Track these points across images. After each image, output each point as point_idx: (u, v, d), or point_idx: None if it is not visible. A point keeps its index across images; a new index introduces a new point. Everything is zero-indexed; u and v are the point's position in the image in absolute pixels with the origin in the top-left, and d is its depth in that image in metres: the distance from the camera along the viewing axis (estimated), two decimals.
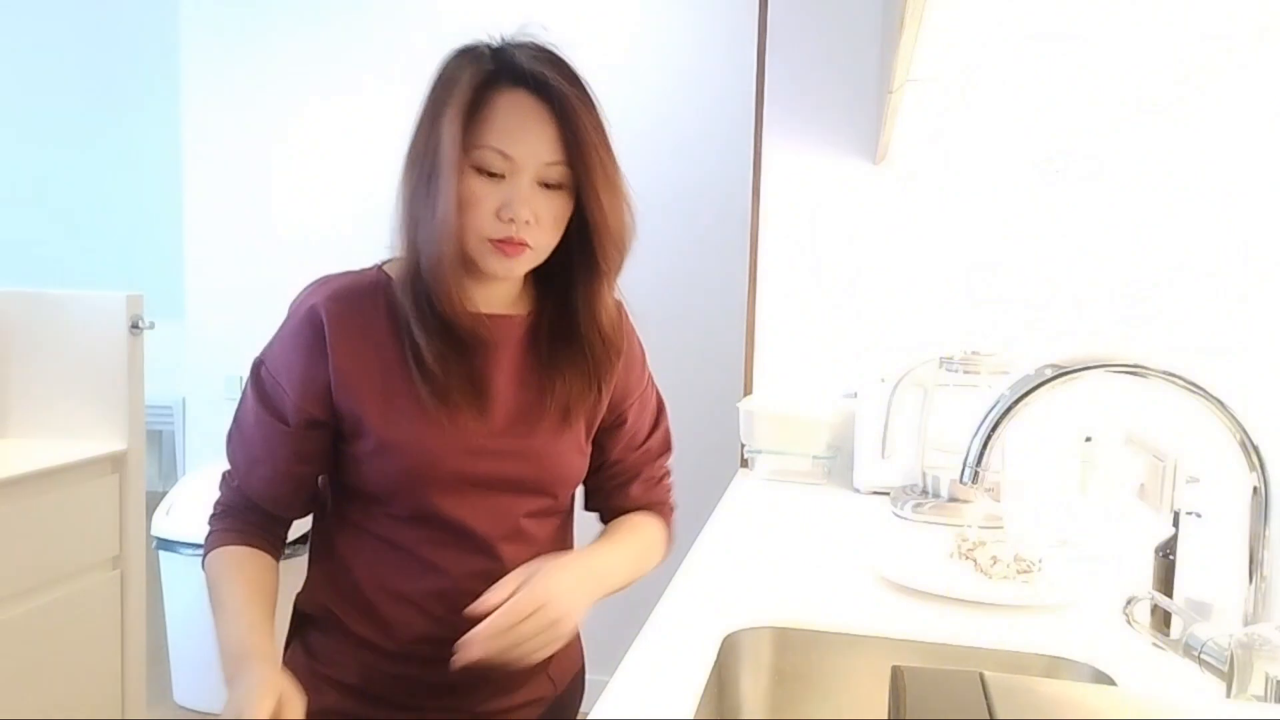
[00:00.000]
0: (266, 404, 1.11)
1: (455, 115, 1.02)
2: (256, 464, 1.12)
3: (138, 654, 2.41)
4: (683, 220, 2.77)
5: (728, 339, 2.76)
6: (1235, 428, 0.86)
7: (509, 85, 1.05)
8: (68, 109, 5.36)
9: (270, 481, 1.12)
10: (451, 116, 1.02)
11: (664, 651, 1.09)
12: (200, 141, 3.10)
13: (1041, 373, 0.91)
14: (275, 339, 1.14)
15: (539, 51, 1.09)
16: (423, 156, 1.06)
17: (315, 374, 1.08)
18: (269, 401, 1.11)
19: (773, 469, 2.02)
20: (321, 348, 1.08)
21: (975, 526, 1.49)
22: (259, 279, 3.09)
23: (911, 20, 0.93)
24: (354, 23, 2.96)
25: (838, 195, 2.09)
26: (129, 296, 2.32)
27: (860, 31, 2.07)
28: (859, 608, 1.25)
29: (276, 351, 1.12)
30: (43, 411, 2.35)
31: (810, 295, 2.12)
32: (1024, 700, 0.61)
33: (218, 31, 3.05)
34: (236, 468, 1.15)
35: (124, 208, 5.37)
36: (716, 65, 2.77)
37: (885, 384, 1.91)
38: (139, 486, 2.39)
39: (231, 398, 3.12)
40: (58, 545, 2.15)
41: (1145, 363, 0.89)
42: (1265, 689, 0.75)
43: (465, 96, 1.03)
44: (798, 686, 1.20)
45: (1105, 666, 1.08)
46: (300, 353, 1.09)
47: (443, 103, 1.04)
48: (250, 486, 1.13)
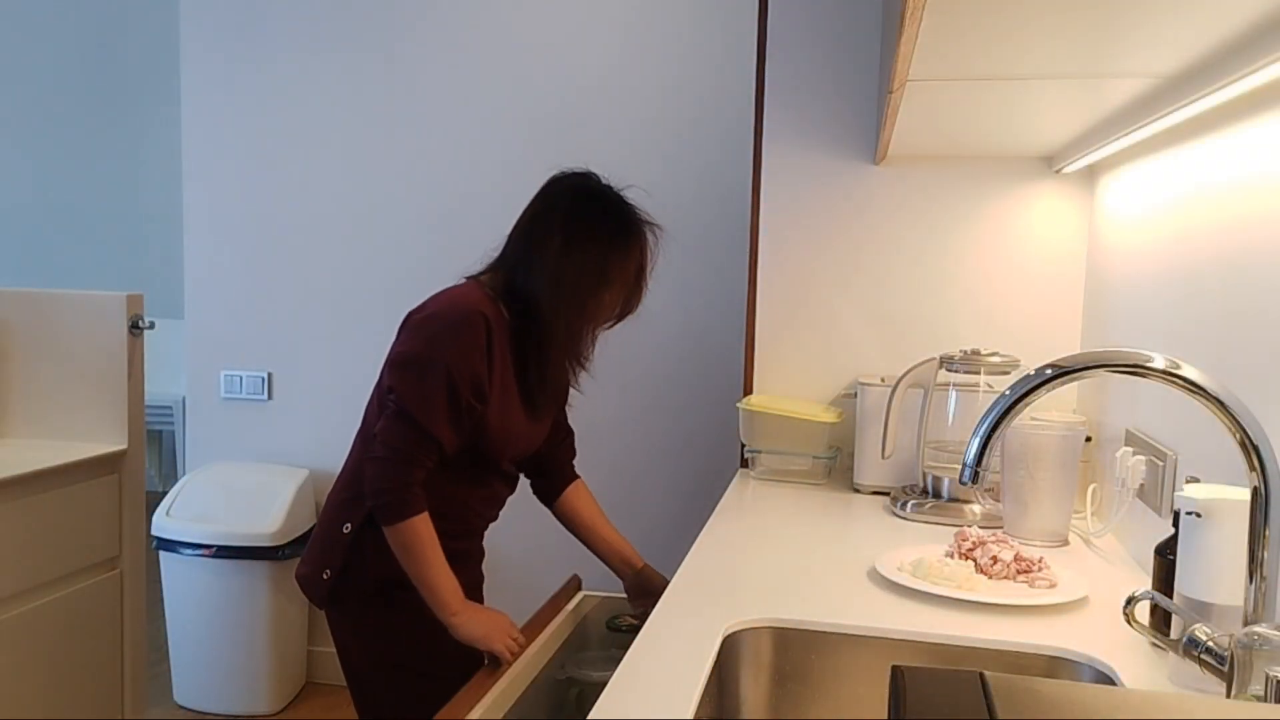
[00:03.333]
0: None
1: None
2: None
3: (138, 654, 2.41)
4: (683, 220, 2.77)
5: (728, 339, 2.76)
6: (1235, 428, 0.86)
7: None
8: (68, 109, 5.36)
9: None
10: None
11: (664, 651, 1.09)
12: (200, 142, 3.10)
13: (1041, 373, 0.91)
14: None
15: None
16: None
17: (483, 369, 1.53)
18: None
19: (773, 469, 2.02)
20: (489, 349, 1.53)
21: (975, 526, 1.49)
22: (259, 279, 3.09)
23: (911, 20, 0.93)
24: (354, 24, 2.96)
25: (838, 195, 2.09)
26: (129, 296, 2.32)
27: (860, 31, 2.07)
28: (859, 607, 1.25)
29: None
30: (43, 411, 2.35)
31: (810, 295, 2.12)
32: (1024, 700, 0.61)
33: (218, 32, 3.05)
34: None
35: (124, 208, 5.36)
36: (716, 65, 2.77)
37: (885, 384, 1.91)
38: (138, 486, 2.39)
39: (231, 397, 3.13)
40: (57, 545, 2.15)
41: (1145, 363, 0.88)
42: (1265, 689, 0.76)
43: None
44: (798, 686, 1.20)
45: (1105, 666, 1.08)
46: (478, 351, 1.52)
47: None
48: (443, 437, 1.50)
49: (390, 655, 1.59)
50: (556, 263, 1.55)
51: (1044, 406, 1.80)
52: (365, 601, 1.58)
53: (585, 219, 1.58)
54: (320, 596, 1.60)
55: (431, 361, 1.48)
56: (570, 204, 1.60)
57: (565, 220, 1.57)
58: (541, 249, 1.56)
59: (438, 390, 1.47)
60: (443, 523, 1.53)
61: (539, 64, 2.86)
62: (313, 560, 1.62)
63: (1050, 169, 2.00)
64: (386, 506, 1.48)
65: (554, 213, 1.59)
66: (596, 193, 1.62)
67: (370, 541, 1.56)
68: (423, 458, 1.48)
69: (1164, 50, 1.05)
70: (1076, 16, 0.93)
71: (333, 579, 1.57)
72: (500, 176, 2.88)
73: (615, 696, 0.97)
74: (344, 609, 1.61)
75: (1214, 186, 1.27)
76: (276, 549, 2.76)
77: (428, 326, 1.52)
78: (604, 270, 1.58)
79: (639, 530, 2.09)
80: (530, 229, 1.60)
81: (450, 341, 1.49)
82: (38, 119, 5.37)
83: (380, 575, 1.56)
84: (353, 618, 1.61)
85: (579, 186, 1.62)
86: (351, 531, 1.57)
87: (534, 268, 1.56)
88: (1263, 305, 1.11)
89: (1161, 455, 1.39)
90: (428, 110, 2.94)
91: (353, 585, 1.58)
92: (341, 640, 1.63)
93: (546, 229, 1.58)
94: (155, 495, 3.14)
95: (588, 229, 1.57)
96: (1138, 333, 1.60)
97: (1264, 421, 0.88)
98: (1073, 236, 2.00)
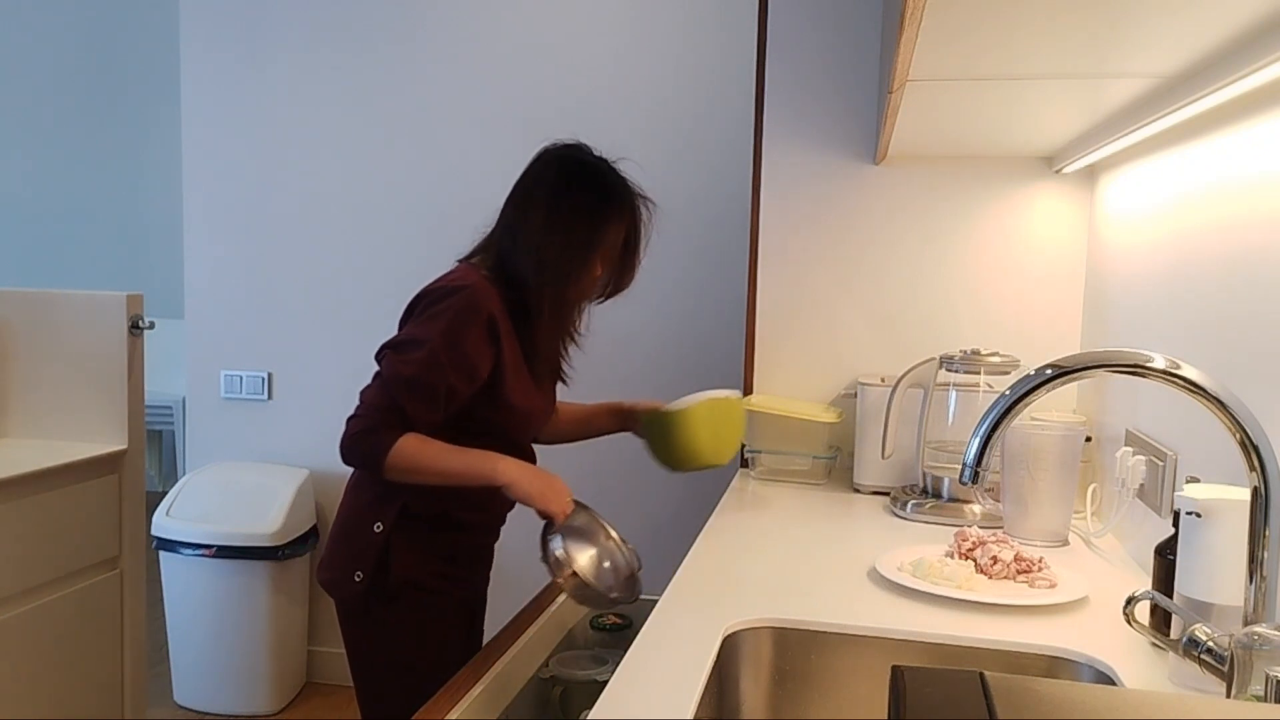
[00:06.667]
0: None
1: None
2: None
3: (138, 654, 2.41)
4: (683, 220, 2.77)
5: (728, 339, 2.76)
6: (1235, 428, 0.86)
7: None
8: (68, 109, 5.36)
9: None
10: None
11: (664, 651, 1.09)
12: (200, 142, 3.10)
13: (1041, 373, 0.91)
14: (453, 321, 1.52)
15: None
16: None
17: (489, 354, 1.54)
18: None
19: (773, 469, 2.02)
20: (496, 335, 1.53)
21: (975, 526, 1.49)
22: (259, 279, 3.09)
23: (911, 20, 0.93)
24: (353, 24, 2.96)
25: (838, 195, 2.09)
26: (129, 296, 2.32)
27: (860, 31, 2.07)
28: (859, 607, 1.25)
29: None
30: (43, 411, 2.35)
31: (810, 296, 2.12)
32: (1024, 700, 0.61)
33: (218, 32, 3.05)
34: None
35: (124, 208, 5.36)
36: (717, 65, 2.77)
37: (885, 384, 1.91)
38: (139, 486, 2.39)
39: (231, 397, 3.13)
40: (58, 545, 2.15)
41: (1145, 363, 0.88)
42: (1265, 689, 0.75)
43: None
44: (798, 686, 1.20)
45: (1105, 666, 1.08)
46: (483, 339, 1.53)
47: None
48: (416, 415, 1.49)
49: (403, 656, 1.59)
50: (542, 235, 1.53)
51: (1044, 406, 1.80)
52: (387, 603, 1.58)
53: (570, 190, 1.56)
54: (354, 598, 1.57)
55: (417, 342, 1.49)
56: (556, 175, 1.57)
57: (550, 192, 1.56)
58: (527, 222, 1.55)
59: (419, 370, 1.47)
60: (475, 514, 1.61)
61: (539, 63, 2.86)
62: (340, 564, 1.59)
63: (1050, 169, 2.00)
64: (367, 454, 1.47)
65: (540, 185, 1.58)
66: (583, 163, 1.60)
67: (400, 542, 1.56)
68: (394, 422, 1.48)
69: (1164, 50, 1.05)
70: (1076, 17, 0.93)
71: (366, 580, 1.55)
72: (500, 176, 2.86)
73: (615, 696, 0.97)
74: (369, 610, 1.60)
75: (1214, 186, 1.27)
76: (276, 549, 2.76)
77: (424, 311, 1.53)
78: (589, 242, 1.55)
79: (639, 530, 2.09)
80: (518, 201, 1.59)
81: (443, 329, 1.49)
82: (38, 119, 5.37)
83: (404, 577, 1.56)
84: (374, 618, 1.60)
85: (566, 158, 1.60)
86: (384, 531, 1.56)
87: (519, 241, 1.55)
88: (1262, 305, 1.11)
89: (1161, 455, 1.39)
90: (427, 110, 2.94)
91: (383, 587, 1.57)
92: (354, 639, 1.62)
93: (532, 202, 1.56)
94: (155, 495, 3.14)
95: (571, 200, 1.55)
96: (1138, 333, 1.59)
97: (1264, 421, 0.89)
98: (1073, 236, 2.00)
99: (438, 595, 1.60)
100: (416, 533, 1.58)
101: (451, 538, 1.61)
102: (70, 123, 5.36)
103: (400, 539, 1.56)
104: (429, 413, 1.49)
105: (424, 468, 1.48)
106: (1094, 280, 1.93)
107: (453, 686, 1.39)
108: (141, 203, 5.34)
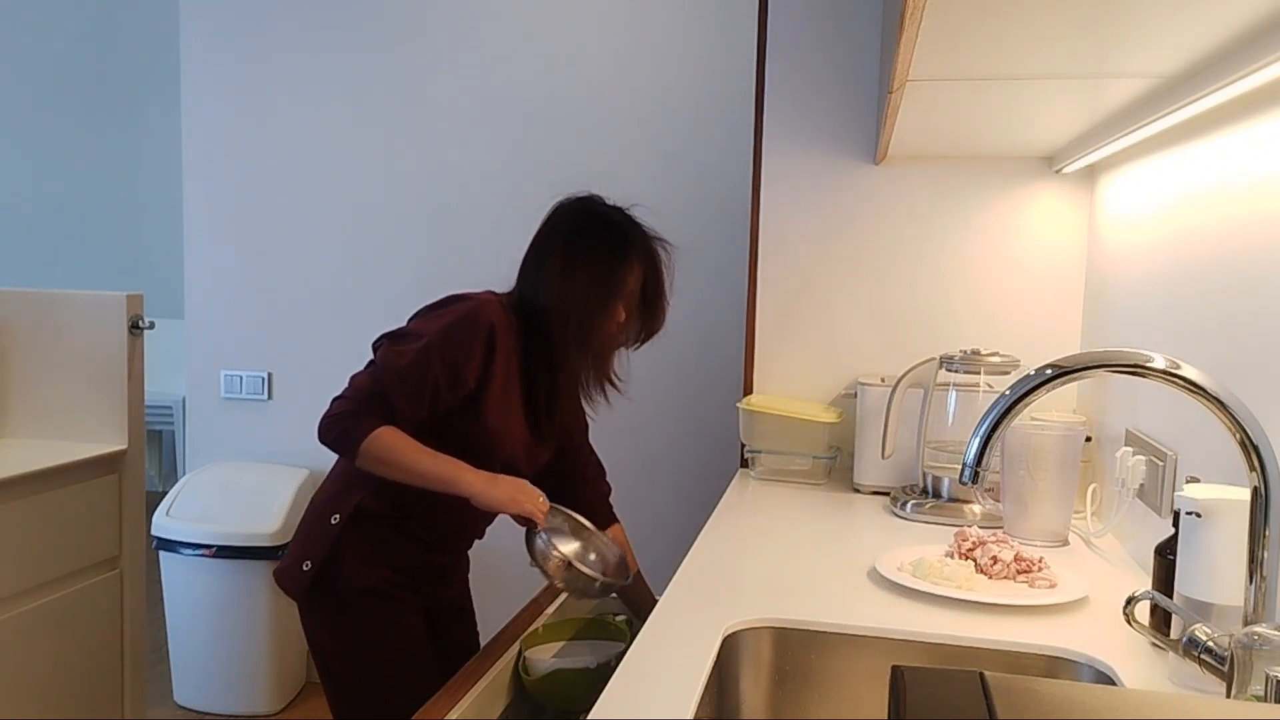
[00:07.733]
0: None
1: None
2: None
3: (138, 654, 2.41)
4: (683, 220, 2.77)
5: (728, 339, 2.76)
6: (1235, 428, 0.86)
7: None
8: (68, 109, 5.35)
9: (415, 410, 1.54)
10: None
11: (664, 650, 1.09)
12: (200, 141, 3.10)
13: (1041, 373, 0.91)
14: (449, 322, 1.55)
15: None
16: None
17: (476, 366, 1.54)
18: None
19: (773, 469, 2.02)
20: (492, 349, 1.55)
21: (975, 526, 1.49)
22: (259, 279, 3.09)
23: (911, 20, 0.93)
24: (354, 24, 2.96)
25: (838, 195, 2.09)
26: (129, 296, 2.32)
27: (860, 31, 2.07)
28: (859, 607, 1.25)
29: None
30: (43, 411, 2.35)
31: (810, 296, 2.12)
32: (1024, 700, 0.61)
33: (218, 32, 3.05)
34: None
35: (124, 208, 5.36)
36: (717, 65, 2.77)
37: (885, 384, 1.91)
38: (138, 486, 2.39)
39: (231, 397, 3.13)
40: (57, 545, 2.15)
41: (1145, 363, 0.88)
42: (1265, 689, 0.75)
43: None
44: (798, 686, 1.20)
45: (1105, 666, 1.08)
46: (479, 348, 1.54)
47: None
48: (400, 406, 1.51)
49: (363, 663, 1.58)
50: (561, 285, 1.58)
51: (1044, 406, 1.80)
52: (341, 607, 1.58)
53: (584, 238, 1.60)
54: (298, 589, 1.58)
55: (415, 335, 1.53)
56: (570, 226, 1.62)
57: (565, 242, 1.60)
58: (545, 274, 1.59)
59: (411, 362, 1.50)
60: (422, 530, 1.60)
61: (539, 64, 2.86)
62: (295, 552, 1.61)
63: (1050, 169, 1.99)
64: (343, 435, 1.50)
65: (555, 236, 1.62)
66: (595, 212, 1.64)
67: (354, 541, 1.56)
68: (378, 410, 1.51)
69: (1164, 50, 1.05)
70: (1076, 17, 0.93)
71: (313, 571, 1.56)
72: (501, 176, 2.88)
73: (615, 696, 0.97)
74: (321, 608, 1.60)
75: (1214, 186, 1.27)
76: (276, 549, 2.76)
77: (430, 312, 1.58)
78: (606, 289, 1.59)
79: (639, 530, 2.09)
80: (535, 256, 1.63)
81: (442, 326, 1.52)
82: (38, 119, 5.37)
83: (358, 584, 1.56)
84: (329, 620, 1.59)
85: (579, 210, 1.64)
86: (340, 523, 1.56)
87: (540, 293, 1.59)
88: (1263, 305, 1.11)
89: (1161, 455, 1.39)
90: (427, 110, 2.94)
91: (330, 584, 1.57)
92: (316, 639, 1.62)
93: (548, 254, 1.60)
94: (155, 495, 3.14)
95: (586, 248, 1.59)
96: (1138, 333, 1.59)
97: (1264, 421, 0.89)
98: (1073, 236, 2.00)
99: (394, 602, 1.59)
100: (369, 533, 1.58)
101: (401, 548, 1.61)
102: (70, 123, 5.35)
103: (353, 536, 1.57)
104: (413, 406, 1.51)
105: (394, 461, 1.50)
106: (1094, 280, 1.93)
107: (452, 687, 1.39)
108: (141, 203, 5.34)
